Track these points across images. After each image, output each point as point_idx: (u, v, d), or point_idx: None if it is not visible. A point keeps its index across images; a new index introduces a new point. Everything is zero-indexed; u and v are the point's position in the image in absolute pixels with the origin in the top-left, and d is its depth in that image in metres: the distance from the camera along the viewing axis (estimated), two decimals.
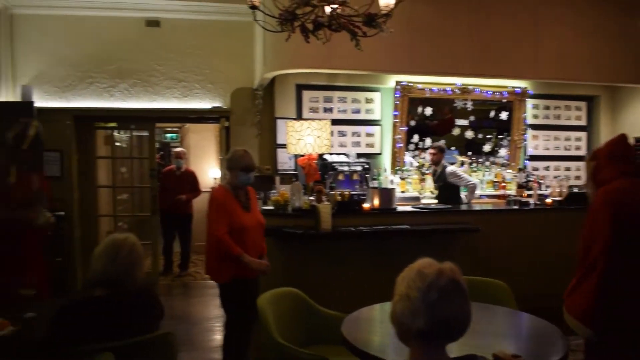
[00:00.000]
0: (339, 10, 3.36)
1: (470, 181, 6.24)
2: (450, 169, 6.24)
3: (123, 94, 6.63)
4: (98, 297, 2.37)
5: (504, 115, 7.25)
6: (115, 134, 7.73)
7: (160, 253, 7.57)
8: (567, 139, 7.73)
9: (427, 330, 1.54)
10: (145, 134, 7.63)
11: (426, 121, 6.97)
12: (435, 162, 6.25)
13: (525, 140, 7.42)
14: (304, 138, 5.18)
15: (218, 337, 5.21)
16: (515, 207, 5.88)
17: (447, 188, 6.16)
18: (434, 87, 6.83)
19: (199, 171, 9.15)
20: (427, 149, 6.64)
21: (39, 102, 6.10)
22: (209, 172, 9.31)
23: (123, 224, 7.89)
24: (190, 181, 7.75)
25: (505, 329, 2.99)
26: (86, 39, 6.52)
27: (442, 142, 6.54)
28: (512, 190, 6.64)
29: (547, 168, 7.58)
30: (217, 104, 6.78)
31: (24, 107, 5.46)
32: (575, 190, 6.78)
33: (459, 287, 1.57)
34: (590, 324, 2.55)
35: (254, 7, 3.47)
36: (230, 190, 3.80)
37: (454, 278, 1.58)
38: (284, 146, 6.13)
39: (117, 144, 8.26)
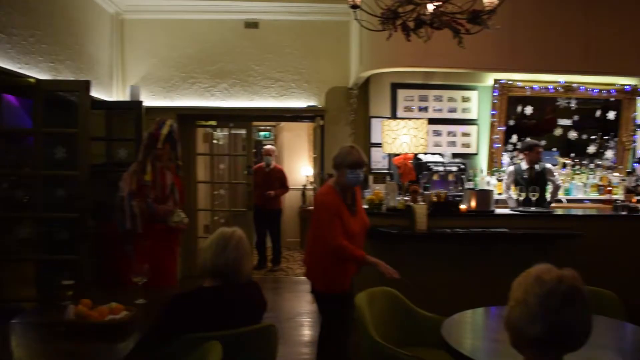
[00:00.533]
0: (441, 8, 3.31)
1: (559, 180, 6.07)
2: (549, 166, 6.00)
3: (223, 94, 6.89)
4: (208, 288, 2.47)
5: (611, 115, 6.83)
6: (214, 132, 8.03)
7: (254, 248, 7.80)
8: None
9: (543, 337, 1.49)
10: (241, 132, 7.89)
11: (524, 120, 6.71)
12: (537, 161, 5.98)
13: (634, 141, 6.95)
14: (400, 137, 5.13)
15: (308, 332, 5.30)
16: (624, 212, 5.52)
17: (541, 188, 5.86)
18: (535, 85, 6.55)
19: (291, 169, 9.35)
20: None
21: (146, 101, 6.46)
22: (301, 170, 9.47)
23: (219, 218, 8.20)
24: (278, 178, 7.91)
25: (614, 341, 2.82)
26: (189, 41, 6.83)
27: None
28: (619, 194, 6.25)
29: None
30: (312, 103, 6.88)
31: (134, 105, 5.79)
32: None
33: (579, 295, 1.51)
34: None
35: (355, 7, 3.49)
36: (339, 192, 3.55)
37: (575, 285, 1.52)
38: (377, 145, 6.12)
39: (215, 141, 8.59)
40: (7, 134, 5.03)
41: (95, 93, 5.80)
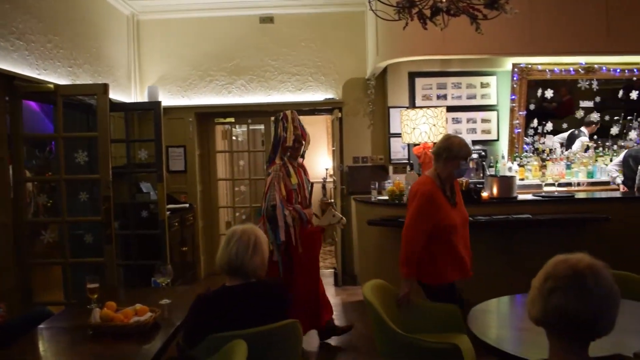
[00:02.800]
0: None
1: None
2: None
3: (240, 90, 6.90)
4: (229, 287, 2.48)
5: (634, 95, 6.68)
6: (232, 128, 8.05)
7: None
8: None
9: (542, 319, 1.53)
10: (260, 127, 7.89)
11: (545, 104, 6.60)
12: None
13: None
14: (419, 126, 5.09)
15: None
16: None
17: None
18: (556, 68, 6.43)
19: (311, 162, 9.32)
20: (549, 133, 6.31)
21: (164, 101, 6.50)
22: (321, 162, 9.47)
23: (241, 214, 8.24)
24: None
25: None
26: (204, 39, 6.85)
27: None
28: None
29: None
30: (329, 96, 6.86)
31: (152, 106, 5.83)
32: None
33: (579, 281, 1.48)
34: None
35: None
36: (438, 184, 3.37)
37: (579, 271, 1.49)
38: (397, 135, 6.08)
39: (234, 138, 8.62)
40: (29, 139, 5.10)
41: (114, 95, 5.85)
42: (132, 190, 5.83)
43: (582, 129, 6.68)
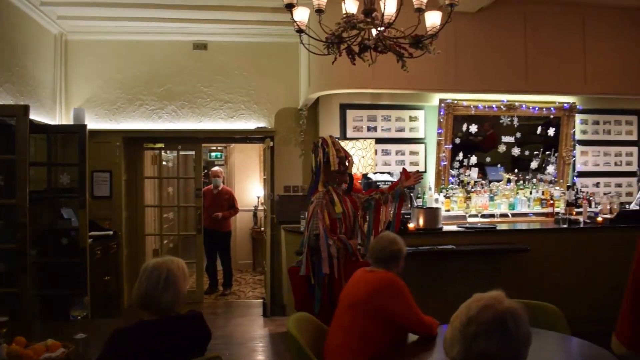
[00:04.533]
0: (385, 33, 3.37)
1: None
2: None
3: (171, 116, 6.80)
4: (145, 322, 2.40)
5: (551, 132, 7.09)
6: (163, 153, 7.90)
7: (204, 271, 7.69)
8: (618, 154, 7.49)
9: None
10: (191, 152, 7.79)
11: (470, 138, 6.89)
12: None
13: (573, 156, 7.23)
14: None
15: (261, 357, 5.21)
16: (565, 225, 5.73)
17: None
18: (480, 104, 6.74)
19: (242, 190, 9.29)
20: (474, 166, 6.58)
21: (91, 124, 6.31)
22: (253, 191, 9.40)
23: (169, 242, 8.04)
24: (227, 200, 7.85)
25: (556, 355, 2.90)
26: (135, 63, 6.73)
27: None
28: (560, 208, 6.47)
29: (597, 185, 7.36)
30: (261, 124, 6.88)
31: (77, 129, 5.66)
32: (627, 207, 6.59)
33: (502, 326, 1.53)
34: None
35: (300, 31, 3.52)
36: None
37: (501, 316, 1.54)
38: None
39: (164, 163, 8.45)
40: None
41: (37, 116, 5.63)
42: (53, 216, 5.58)
43: None
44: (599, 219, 5.87)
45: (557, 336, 3.06)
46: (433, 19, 3.43)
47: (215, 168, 8.18)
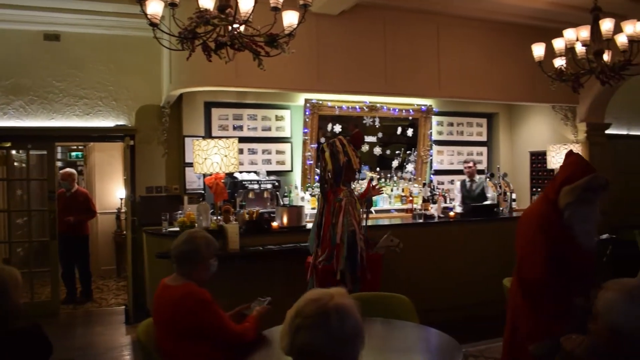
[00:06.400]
0: (241, 30, 3.33)
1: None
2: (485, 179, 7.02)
3: (18, 112, 6.27)
4: None
5: (410, 132, 7.48)
6: (14, 152, 7.24)
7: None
8: (470, 154, 8.08)
9: (290, 353, 1.60)
10: (43, 152, 7.20)
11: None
12: (473, 174, 6.96)
13: (430, 155, 7.69)
14: (211, 157, 5.07)
15: None
16: (420, 220, 6.06)
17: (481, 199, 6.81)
18: (344, 105, 6.94)
19: (104, 191, 8.81)
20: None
21: None
22: (115, 192, 8.93)
23: (21, 250, 7.39)
24: (82, 202, 7.36)
25: (405, 343, 3.02)
26: None
27: None
28: (418, 204, 6.84)
29: (451, 182, 7.88)
30: (121, 122, 6.54)
31: None
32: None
33: (325, 321, 1.57)
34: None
35: (153, 25, 3.37)
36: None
37: (325, 311, 1.58)
38: (191, 165, 5.99)
39: (16, 164, 7.74)
40: None
41: None
42: None
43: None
44: (452, 213, 6.28)
45: (408, 325, 3.20)
46: (290, 18, 3.44)
47: (65, 170, 7.58)
